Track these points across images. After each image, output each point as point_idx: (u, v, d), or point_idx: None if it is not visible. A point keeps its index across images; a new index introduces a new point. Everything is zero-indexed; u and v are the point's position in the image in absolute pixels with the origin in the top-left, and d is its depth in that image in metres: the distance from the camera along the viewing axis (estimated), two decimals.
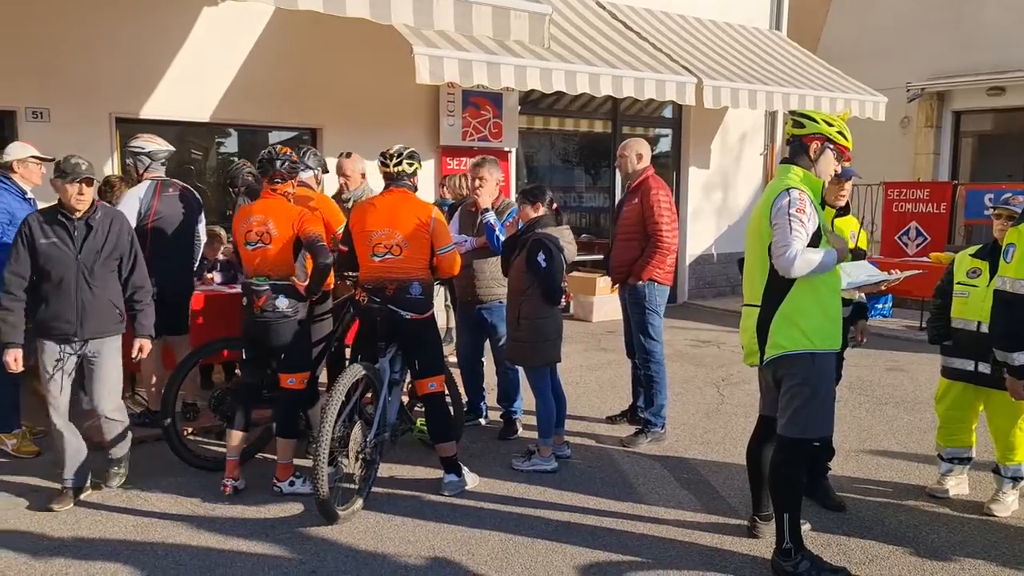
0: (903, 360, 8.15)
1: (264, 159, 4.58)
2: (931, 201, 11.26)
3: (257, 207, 4.60)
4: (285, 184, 4.58)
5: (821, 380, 3.62)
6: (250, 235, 4.52)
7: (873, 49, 14.19)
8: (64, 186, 4.23)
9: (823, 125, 3.69)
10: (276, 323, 4.52)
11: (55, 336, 4.29)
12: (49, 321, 4.27)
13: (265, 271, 4.50)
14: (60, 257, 4.24)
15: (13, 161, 5.16)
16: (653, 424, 5.63)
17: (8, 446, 5.16)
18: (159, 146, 5.50)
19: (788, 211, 3.49)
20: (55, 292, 4.26)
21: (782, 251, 3.47)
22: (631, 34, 10.07)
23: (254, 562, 3.84)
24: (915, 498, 4.66)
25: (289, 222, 4.50)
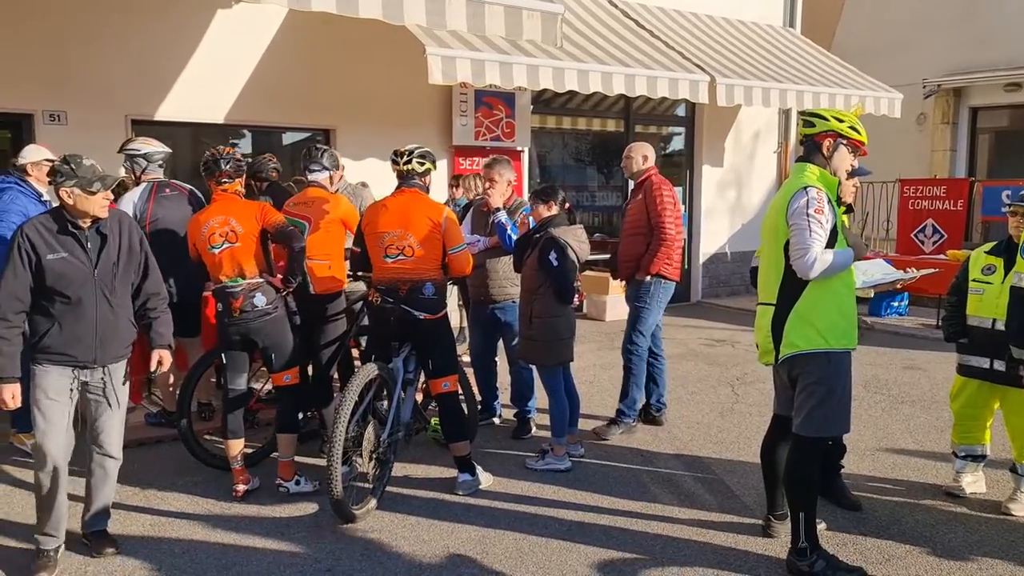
0: (920, 358, 8.09)
1: (209, 160, 4.54)
2: (948, 198, 11.18)
3: (213, 210, 4.53)
4: (233, 183, 4.56)
5: (837, 379, 3.60)
6: (214, 238, 4.44)
7: (888, 45, 14.10)
8: (84, 196, 3.62)
9: (833, 122, 3.68)
10: (258, 322, 4.47)
11: (67, 363, 3.68)
12: (63, 347, 3.66)
13: (237, 271, 4.45)
14: (74, 274, 3.62)
15: (28, 164, 5.18)
16: (625, 415, 5.69)
17: (28, 446, 5.21)
18: (155, 148, 5.50)
19: (807, 211, 3.48)
20: (71, 314, 3.64)
21: (801, 254, 3.46)
22: (643, 32, 10.05)
23: (270, 560, 3.87)
24: (932, 497, 4.63)
25: (252, 216, 4.47)
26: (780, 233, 3.61)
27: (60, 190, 3.60)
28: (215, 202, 4.57)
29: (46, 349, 3.65)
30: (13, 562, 3.84)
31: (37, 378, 3.67)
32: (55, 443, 3.70)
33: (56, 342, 3.65)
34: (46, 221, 3.67)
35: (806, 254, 3.45)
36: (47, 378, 3.67)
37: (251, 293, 4.44)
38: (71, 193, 3.60)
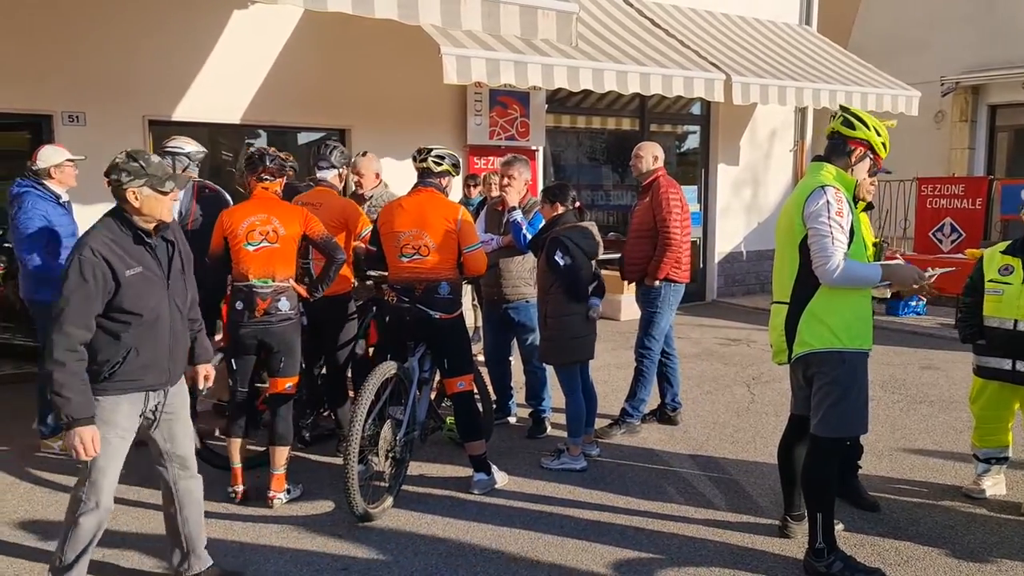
0: (937, 358, 8.03)
1: (255, 156, 4.50)
2: (966, 197, 11.08)
3: (253, 206, 4.47)
4: (275, 183, 4.54)
5: (852, 380, 3.58)
6: (253, 235, 4.37)
7: (906, 43, 13.99)
8: (155, 196, 3.21)
9: (872, 133, 3.62)
10: (279, 326, 4.40)
11: (140, 389, 3.25)
12: (137, 373, 3.21)
13: (271, 272, 4.38)
14: (151, 289, 3.20)
15: (51, 168, 5.16)
16: (629, 415, 5.70)
17: (56, 448, 5.26)
18: (196, 147, 5.54)
19: (828, 214, 3.44)
20: (148, 335, 3.20)
21: (823, 261, 3.44)
22: (659, 31, 10.02)
23: (286, 559, 3.88)
24: (951, 498, 4.59)
25: (297, 221, 4.44)
26: (796, 231, 3.58)
27: (127, 191, 3.17)
28: (256, 199, 4.50)
29: (123, 378, 3.17)
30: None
31: (105, 413, 3.15)
32: (113, 483, 3.28)
33: (132, 368, 3.18)
34: (112, 231, 3.18)
35: (829, 262, 3.42)
36: (118, 412, 3.20)
37: (277, 296, 4.38)
38: (139, 194, 3.18)
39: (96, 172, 5.65)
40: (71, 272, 3.04)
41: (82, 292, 3.02)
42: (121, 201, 3.21)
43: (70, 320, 3.01)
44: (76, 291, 3.02)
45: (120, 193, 3.19)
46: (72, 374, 3.00)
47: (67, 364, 2.99)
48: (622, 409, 5.75)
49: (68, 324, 3.00)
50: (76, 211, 5.89)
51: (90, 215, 5.90)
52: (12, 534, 4.13)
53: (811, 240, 3.49)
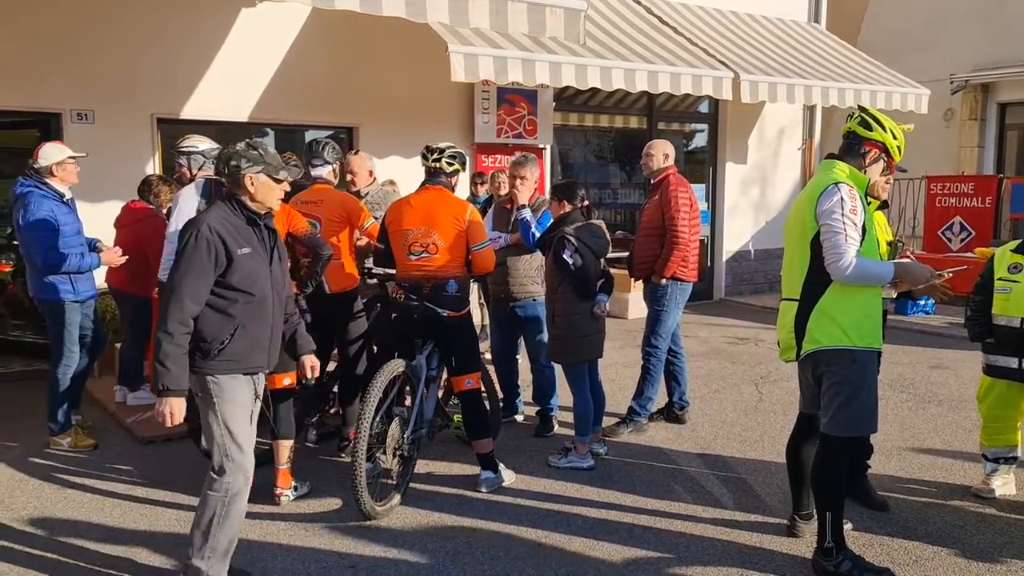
0: (947, 357, 8.00)
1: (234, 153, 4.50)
2: (976, 195, 11.03)
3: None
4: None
5: (862, 379, 3.56)
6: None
7: (915, 41, 13.92)
8: (270, 184, 3.38)
9: (888, 136, 3.61)
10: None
11: (249, 371, 3.36)
12: (246, 352, 3.32)
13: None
14: (259, 270, 3.33)
15: (52, 165, 5.12)
16: (637, 414, 5.70)
17: (65, 444, 5.28)
18: (210, 145, 5.52)
19: (842, 211, 3.43)
20: (255, 314, 3.33)
21: (836, 258, 3.42)
22: (667, 29, 10.00)
23: (294, 557, 3.89)
24: (960, 498, 4.57)
25: (280, 220, 4.35)
26: (808, 228, 3.56)
27: (244, 177, 3.31)
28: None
29: (232, 356, 3.28)
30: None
31: (227, 392, 3.29)
32: (251, 458, 3.39)
33: (240, 347, 3.29)
34: (226, 212, 3.31)
35: (841, 259, 3.41)
36: (240, 391, 3.32)
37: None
38: (255, 180, 3.33)
39: (105, 169, 5.72)
40: (187, 247, 3.18)
41: (198, 266, 3.15)
42: (236, 187, 3.35)
43: (186, 293, 3.14)
44: (192, 265, 3.16)
45: (237, 179, 3.33)
46: (178, 346, 3.14)
47: (175, 336, 3.13)
48: (629, 407, 5.74)
49: (184, 296, 3.14)
50: (84, 208, 5.91)
51: (99, 212, 5.97)
52: (22, 531, 4.15)
53: (824, 237, 3.48)
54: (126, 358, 6.24)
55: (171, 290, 3.16)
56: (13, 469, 4.99)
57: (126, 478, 4.85)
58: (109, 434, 5.66)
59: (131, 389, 6.19)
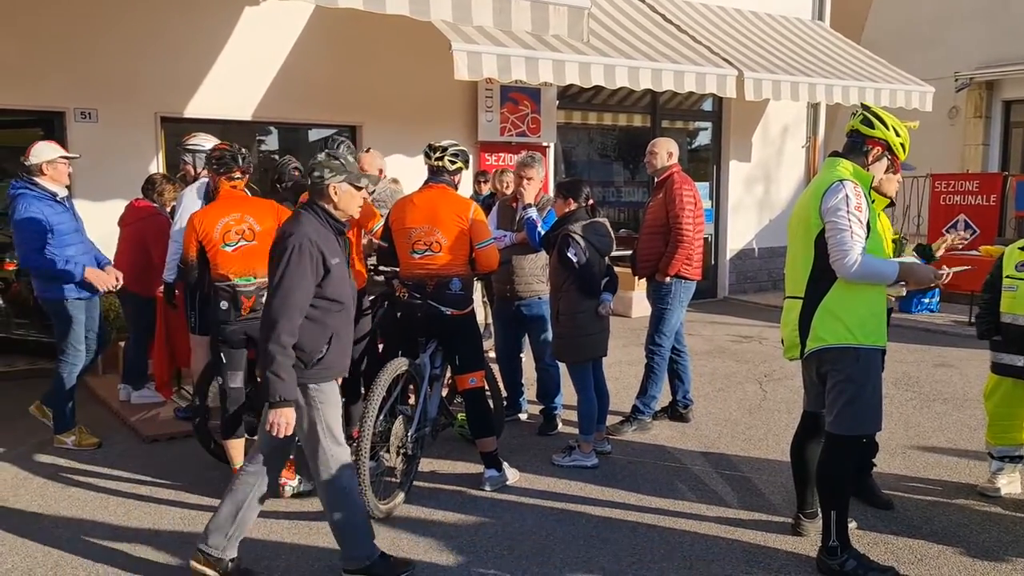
0: (951, 356, 7.98)
1: (227, 156, 4.50)
2: (980, 193, 10.99)
3: (224, 206, 4.42)
4: (244, 180, 4.53)
5: (867, 377, 3.55)
6: (229, 235, 4.33)
7: (919, 38, 13.89)
8: (352, 192, 3.46)
9: (891, 134, 3.60)
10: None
11: (339, 375, 3.54)
12: (338, 359, 3.46)
13: (251, 270, 4.32)
14: (345, 278, 3.45)
15: (43, 163, 5.04)
16: (641, 412, 5.69)
17: (69, 443, 5.28)
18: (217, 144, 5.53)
19: (848, 209, 3.42)
20: (344, 322, 3.46)
21: (842, 255, 3.42)
22: (670, 27, 9.98)
23: (298, 554, 3.89)
24: (965, 497, 4.56)
25: (271, 215, 4.41)
26: (812, 226, 3.55)
27: (328, 187, 3.38)
28: (226, 199, 4.48)
29: (328, 364, 3.40)
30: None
31: (329, 396, 3.42)
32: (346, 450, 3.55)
33: (335, 355, 3.40)
34: (317, 223, 3.37)
35: (847, 256, 3.40)
36: (335, 393, 3.47)
37: (262, 292, 4.26)
38: (338, 189, 3.40)
39: (108, 168, 5.71)
40: (291, 259, 3.22)
41: (302, 278, 3.23)
42: (319, 197, 3.43)
43: (295, 305, 3.21)
44: (297, 277, 3.22)
45: (321, 189, 3.41)
46: (289, 357, 3.23)
47: (287, 348, 3.21)
48: (633, 406, 5.73)
49: (293, 308, 3.21)
50: (88, 206, 5.94)
51: (103, 211, 5.97)
52: (26, 529, 4.15)
53: (829, 234, 3.47)
54: (130, 357, 6.24)
55: (280, 303, 3.21)
56: (18, 467, 5.00)
57: (130, 476, 4.86)
58: (113, 432, 5.67)
59: (135, 388, 6.20)
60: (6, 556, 3.86)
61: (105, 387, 6.58)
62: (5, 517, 4.29)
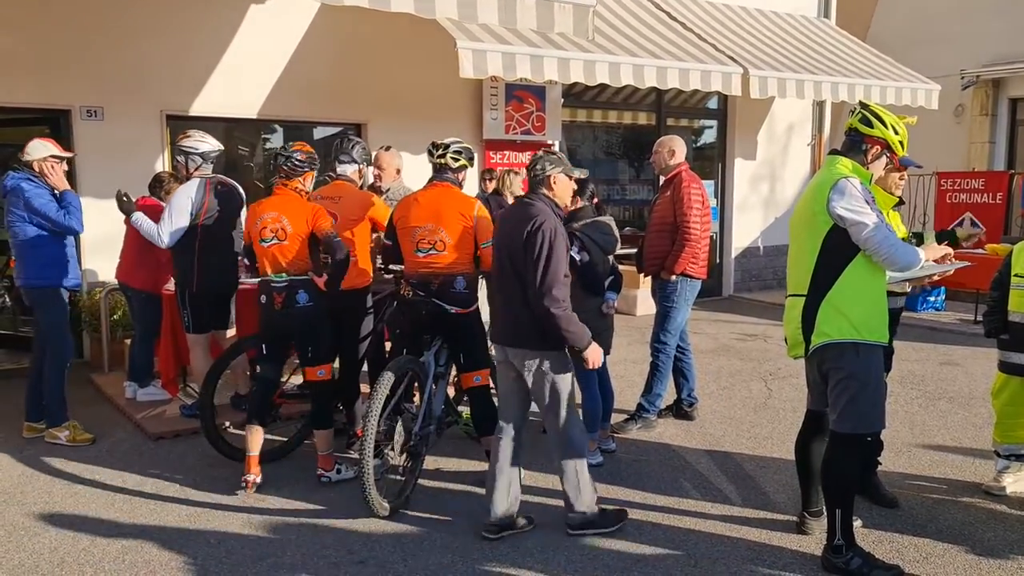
0: (957, 354, 7.96)
1: (276, 161, 4.63)
2: (986, 191, 10.97)
3: (269, 204, 4.59)
4: (292, 181, 4.61)
5: (868, 373, 3.55)
6: (265, 232, 4.51)
7: (925, 36, 13.82)
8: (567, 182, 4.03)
9: (890, 132, 3.60)
10: (299, 317, 4.53)
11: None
12: None
13: (282, 267, 4.51)
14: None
15: (34, 161, 5.16)
16: (646, 410, 5.69)
17: (62, 438, 5.30)
18: (212, 146, 5.54)
19: (864, 199, 3.46)
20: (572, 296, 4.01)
21: (870, 231, 3.45)
22: (675, 24, 9.96)
23: (304, 552, 3.90)
24: (970, 495, 4.55)
25: (303, 218, 4.52)
26: (818, 224, 3.54)
27: (549, 177, 3.92)
28: (273, 197, 4.65)
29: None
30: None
31: (566, 363, 3.98)
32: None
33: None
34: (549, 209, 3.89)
35: (876, 231, 3.43)
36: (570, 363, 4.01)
37: (294, 289, 4.50)
38: (557, 179, 3.94)
39: (114, 166, 5.73)
40: (556, 242, 3.79)
41: (563, 253, 3.80)
42: (541, 185, 3.97)
43: (561, 273, 3.79)
44: (561, 252, 3.79)
45: (543, 179, 3.96)
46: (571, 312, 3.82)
47: (567, 306, 3.80)
48: (638, 404, 5.73)
49: (560, 277, 3.78)
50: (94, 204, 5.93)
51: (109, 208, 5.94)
52: (33, 526, 4.17)
53: (860, 232, 3.45)
54: (136, 354, 6.26)
55: (552, 276, 3.76)
56: (24, 464, 5.02)
57: (136, 474, 4.88)
58: (119, 430, 5.69)
59: (141, 385, 6.21)
60: (12, 553, 3.88)
61: (111, 384, 6.60)
62: (11, 514, 4.31)
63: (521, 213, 3.92)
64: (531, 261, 3.78)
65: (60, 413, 5.33)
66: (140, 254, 5.98)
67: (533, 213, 3.87)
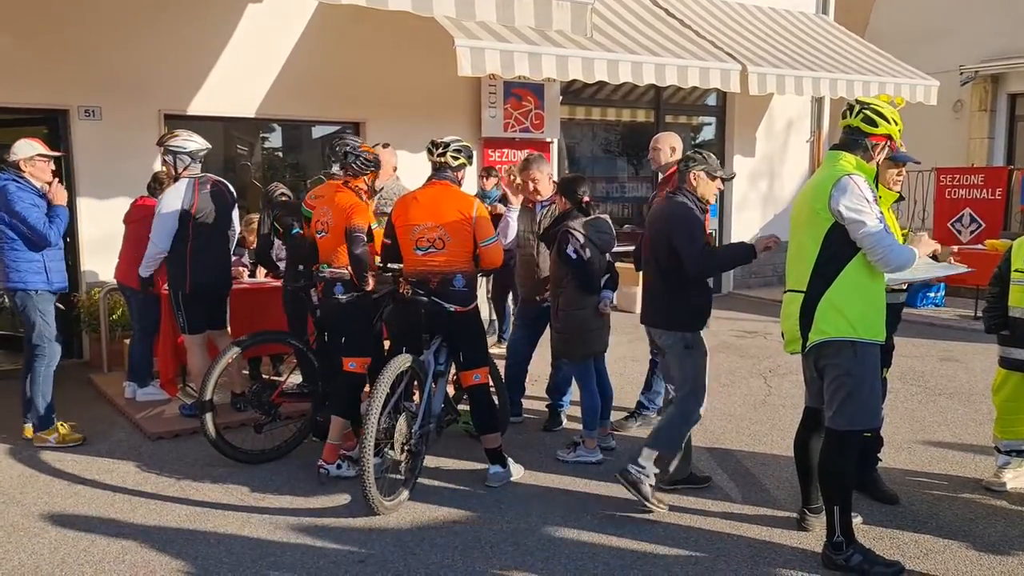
0: (957, 350, 7.96)
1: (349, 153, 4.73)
2: (986, 187, 10.96)
3: (327, 198, 4.77)
4: (356, 179, 4.74)
5: (864, 371, 3.55)
6: (317, 224, 4.77)
7: (924, 32, 13.81)
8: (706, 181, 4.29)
9: (893, 126, 3.60)
10: (337, 309, 4.72)
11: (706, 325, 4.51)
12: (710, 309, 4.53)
13: (327, 259, 4.72)
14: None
15: (20, 160, 5.15)
16: (645, 408, 5.69)
17: (51, 440, 5.29)
18: (199, 145, 5.53)
19: (865, 197, 3.45)
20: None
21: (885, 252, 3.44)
22: (674, 21, 9.96)
23: (303, 551, 3.90)
24: (970, 491, 4.55)
25: (343, 212, 4.63)
26: (820, 220, 3.53)
27: (690, 173, 4.26)
28: (335, 190, 4.77)
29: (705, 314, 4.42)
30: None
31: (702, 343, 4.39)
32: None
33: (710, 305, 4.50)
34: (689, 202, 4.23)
35: (873, 231, 3.42)
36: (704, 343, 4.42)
37: (333, 282, 4.68)
38: (698, 177, 4.27)
39: (112, 166, 5.72)
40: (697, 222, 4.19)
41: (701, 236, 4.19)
42: (683, 181, 4.30)
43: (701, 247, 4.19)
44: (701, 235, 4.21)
45: (686, 175, 4.28)
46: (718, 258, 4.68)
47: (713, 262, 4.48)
48: (638, 402, 5.72)
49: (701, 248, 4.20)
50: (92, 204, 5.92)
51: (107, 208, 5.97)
52: (33, 526, 4.17)
53: (858, 231, 3.44)
54: (135, 354, 6.25)
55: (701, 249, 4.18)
56: (24, 465, 5.01)
57: (136, 474, 4.87)
58: (118, 430, 5.68)
59: (140, 385, 6.21)
60: (12, 553, 3.88)
61: (110, 384, 6.59)
62: (11, 514, 4.30)
63: (663, 206, 4.34)
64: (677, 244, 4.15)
65: (47, 416, 5.30)
66: (139, 255, 5.95)
67: (678, 207, 4.24)
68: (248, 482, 4.71)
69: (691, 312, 4.33)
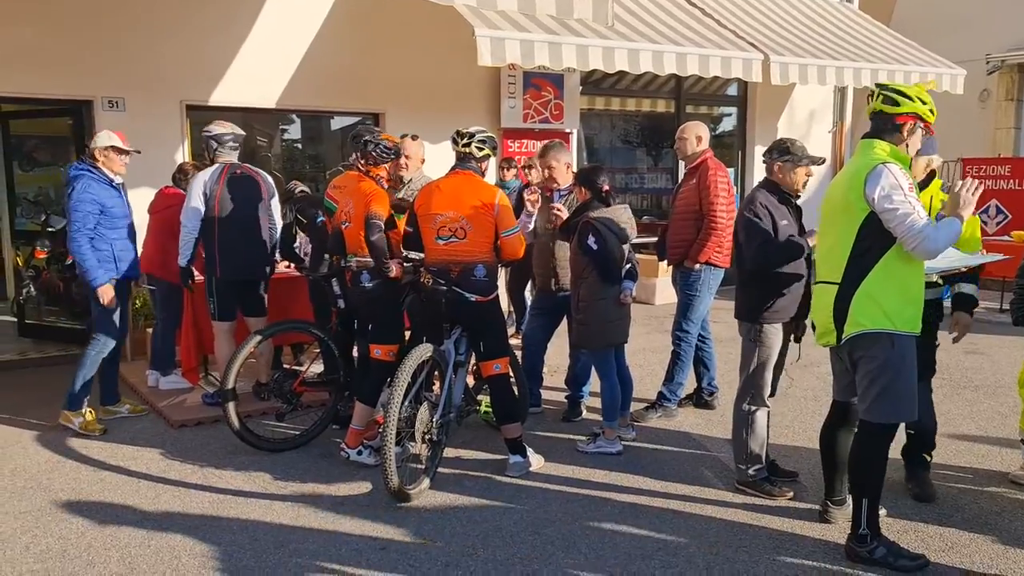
0: (982, 343, 7.86)
1: (368, 142, 4.79)
2: (1012, 177, 10.82)
3: (349, 188, 4.82)
4: (377, 168, 4.82)
5: (902, 364, 3.50)
6: (340, 215, 4.83)
7: (950, 20, 13.62)
8: (791, 169, 4.29)
9: (918, 104, 3.52)
10: (362, 296, 4.79)
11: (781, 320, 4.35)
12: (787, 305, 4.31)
13: (353, 249, 4.76)
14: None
15: (96, 149, 5.30)
16: (666, 399, 5.66)
17: (75, 424, 5.35)
18: (224, 129, 5.60)
19: (902, 188, 3.37)
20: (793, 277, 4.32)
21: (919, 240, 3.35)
22: (695, 10, 9.87)
23: (325, 538, 3.92)
24: (996, 484, 4.50)
25: (364, 202, 4.66)
26: (855, 211, 3.47)
27: (774, 164, 4.31)
28: (358, 181, 4.83)
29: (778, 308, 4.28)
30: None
31: (773, 337, 4.33)
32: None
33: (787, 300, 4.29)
34: (767, 193, 4.29)
35: (924, 240, 3.34)
36: (778, 337, 4.36)
37: (359, 271, 4.75)
38: (783, 168, 4.28)
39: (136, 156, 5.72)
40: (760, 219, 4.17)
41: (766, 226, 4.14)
42: (768, 172, 4.37)
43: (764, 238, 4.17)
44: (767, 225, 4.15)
45: (770, 167, 4.36)
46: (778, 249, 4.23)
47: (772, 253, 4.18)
48: (659, 393, 5.71)
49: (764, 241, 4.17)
50: None
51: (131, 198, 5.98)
52: (59, 513, 4.22)
53: (895, 221, 3.37)
54: (158, 343, 6.31)
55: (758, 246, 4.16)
56: (50, 451, 5.08)
57: (160, 461, 4.92)
58: (142, 418, 5.74)
59: (163, 373, 6.27)
60: (40, 537, 3.93)
61: (134, 373, 6.66)
62: (39, 500, 4.36)
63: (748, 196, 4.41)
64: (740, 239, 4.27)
65: (79, 399, 5.38)
66: (163, 244, 6.03)
67: (746, 199, 4.35)
68: (271, 469, 4.74)
69: (758, 304, 4.28)
